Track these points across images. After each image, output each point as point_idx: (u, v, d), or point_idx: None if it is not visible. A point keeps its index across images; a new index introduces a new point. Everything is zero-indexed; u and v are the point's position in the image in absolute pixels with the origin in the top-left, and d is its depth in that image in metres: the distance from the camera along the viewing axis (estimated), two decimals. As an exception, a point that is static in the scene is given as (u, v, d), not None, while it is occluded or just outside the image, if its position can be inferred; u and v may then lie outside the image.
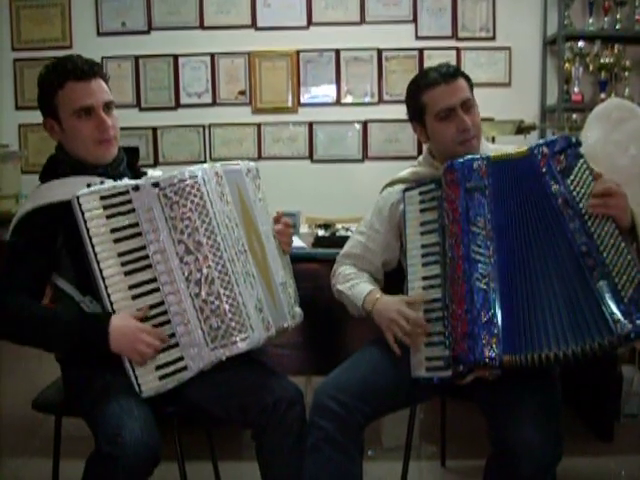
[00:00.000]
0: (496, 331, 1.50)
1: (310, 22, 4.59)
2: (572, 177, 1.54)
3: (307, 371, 2.79)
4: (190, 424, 1.91)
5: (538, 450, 1.46)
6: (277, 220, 1.86)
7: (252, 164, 1.84)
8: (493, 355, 1.49)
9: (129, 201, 1.60)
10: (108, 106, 1.72)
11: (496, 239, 1.55)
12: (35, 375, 3.50)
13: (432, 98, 1.80)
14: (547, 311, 1.49)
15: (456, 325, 1.54)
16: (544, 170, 1.55)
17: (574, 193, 1.53)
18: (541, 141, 1.61)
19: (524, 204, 1.57)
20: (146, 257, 1.59)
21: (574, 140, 1.57)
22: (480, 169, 1.59)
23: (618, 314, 1.43)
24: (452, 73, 1.80)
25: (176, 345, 1.59)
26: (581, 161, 1.55)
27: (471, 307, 1.52)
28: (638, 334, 1.42)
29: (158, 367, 1.57)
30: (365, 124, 4.63)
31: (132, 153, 1.88)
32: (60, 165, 1.74)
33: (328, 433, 1.60)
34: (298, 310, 1.84)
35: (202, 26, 4.61)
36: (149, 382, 1.56)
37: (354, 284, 1.86)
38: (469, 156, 1.64)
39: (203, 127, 4.66)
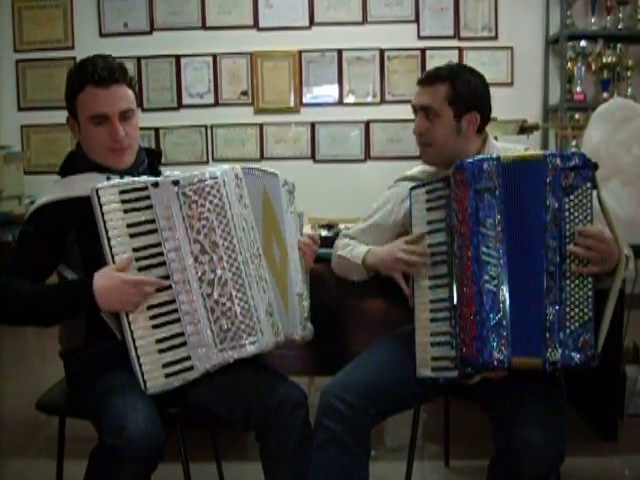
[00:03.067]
0: (505, 333, 1.50)
1: (312, 22, 4.60)
2: (572, 197, 1.52)
3: (310, 372, 2.79)
4: (194, 425, 1.91)
5: (541, 450, 1.46)
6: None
7: (290, 179, 1.85)
8: (502, 357, 1.49)
9: (147, 197, 1.59)
10: (126, 114, 1.69)
11: (505, 241, 1.55)
12: (38, 376, 3.51)
13: None
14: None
15: (465, 327, 1.54)
16: (548, 180, 1.54)
17: (566, 213, 1.52)
18: (558, 152, 1.60)
19: (523, 209, 1.56)
20: (160, 254, 1.59)
21: (591, 162, 1.54)
22: (490, 170, 1.57)
23: (555, 341, 1.47)
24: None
25: (184, 344, 1.58)
26: (588, 184, 1.52)
27: (480, 309, 1.51)
28: (564, 365, 1.47)
29: (165, 365, 1.57)
30: (367, 124, 4.63)
31: (154, 155, 1.88)
32: (79, 161, 1.75)
33: (335, 434, 1.59)
34: (310, 325, 1.83)
35: (204, 26, 4.61)
36: (155, 379, 1.56)
37: (353, 248, 1.91)
38: (479, 156, 1.63)
39: (205, 127, 4.67)
